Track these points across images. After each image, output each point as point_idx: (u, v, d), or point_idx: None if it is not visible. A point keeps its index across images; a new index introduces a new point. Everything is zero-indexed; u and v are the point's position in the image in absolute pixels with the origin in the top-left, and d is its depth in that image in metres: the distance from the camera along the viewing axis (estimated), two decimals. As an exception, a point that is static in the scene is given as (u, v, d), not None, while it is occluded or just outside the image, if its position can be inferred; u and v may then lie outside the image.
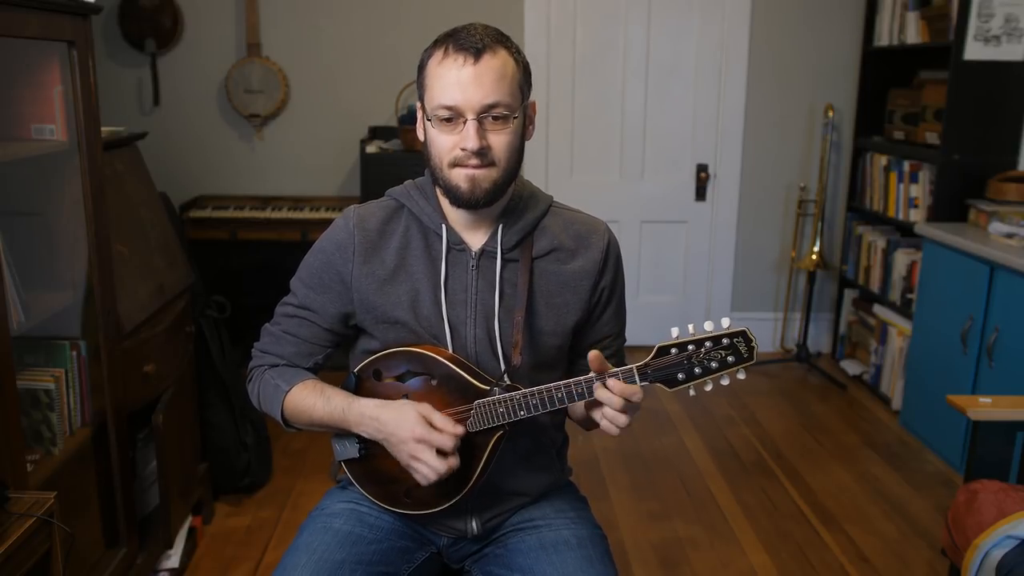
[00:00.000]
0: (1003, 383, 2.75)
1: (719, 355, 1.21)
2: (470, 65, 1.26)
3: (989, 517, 1.74)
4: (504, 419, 1.29)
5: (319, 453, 3.14)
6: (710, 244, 4.28)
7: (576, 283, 1.41)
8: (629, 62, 4.09)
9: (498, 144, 1.29)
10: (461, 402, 1.32)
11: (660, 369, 1.23)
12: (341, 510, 1.46)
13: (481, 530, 1.44)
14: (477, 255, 1.38)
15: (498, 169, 1.30)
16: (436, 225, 1.39)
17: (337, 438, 1.43)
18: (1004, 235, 2.92)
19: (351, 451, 1.41)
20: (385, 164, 3.65)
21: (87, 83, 1.91)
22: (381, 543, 1.41)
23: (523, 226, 1.39)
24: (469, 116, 1.26)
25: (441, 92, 1.27)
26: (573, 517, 1.47)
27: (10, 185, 1.91)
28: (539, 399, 1.27)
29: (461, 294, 1.38)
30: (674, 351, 1.22)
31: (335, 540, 1.38)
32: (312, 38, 4.01)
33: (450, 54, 1.27)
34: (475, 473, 1.33)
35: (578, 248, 1.42)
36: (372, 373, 1.38)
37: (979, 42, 3.19)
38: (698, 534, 2.67)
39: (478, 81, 1.25)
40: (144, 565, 2.21)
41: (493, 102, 1.26)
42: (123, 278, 2.14)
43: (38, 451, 1.85)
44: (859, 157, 4.03)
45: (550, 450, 1.51)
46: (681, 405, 3.66)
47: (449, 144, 1.29)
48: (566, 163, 4.18)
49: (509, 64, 1.29)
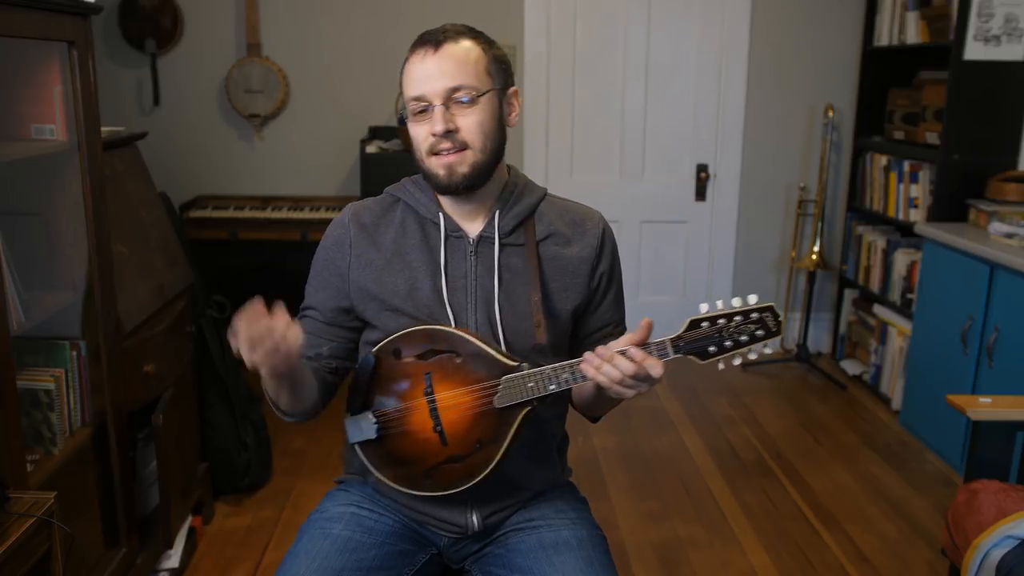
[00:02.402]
0: (1003, 383, 2.75)
1: (748, 329, 1.23)
2: (431, 55, 1.32)
3: (989, 517, 1.74)
4: (533, 394, 1.29)
5: (319, 453, 3.14)
6: (710, 244, 4.29)
7: (574, 268, 1.44)
8: (629, 62, 4.09)
9: (466, 125, 1.33)
10: (487, 378, 1.32)
11: (692, 342, 1.24)
12: (340, 514, 1.45)
13: (482, 525, 1.44)
14: (475, 241, 1.41)
15: (473, 152, 1.34)
16: (433, 214, 1.42)
17: (351, 419, 1.41)
18: (1004, 235, 2.92)
19: (368, 431, 1.38)
20: (385, 164, 3.65)
21: (87, 83, 1.91)
22: (381, 547, 1.40)
23: (519, 212, 1.43)
24: (436, 103, 1.32)
25: (409, 86, 1.34)
26: (574, 518, 1.47)
27: (10, 185, 1.91)
28: (570, 373, 1.28)
29: (461, 280, 1.40)
30: (705, 324, 1.24)
31: (334, 547, 1.38)
32: (312, 38, 4.01)
33: (416, 51, 1.34)
34: (501, 450, 1.33)
35: (574, 234, 1.45)
36: (392, 352, 1.38)
37: (979, 42, 3.19)
38: (698, 534, 2.67)
39: (439, 68, 1.31)
40: (144, 565, 2.21)
41: (455, 85, 1.31)
42: (123, 278, 2.14)
43: (38, 451, 1.85)
44: (859, 157, 4.03)
45: (551, 442, 1.51)
46: (681, 405, 3.67)
47: (424, 133, 1.35)
48: (566, 163, 4.18)
49: (473, 50, 1.34)
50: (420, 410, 1.35)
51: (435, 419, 1.34)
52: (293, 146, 4.10)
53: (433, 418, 1.34)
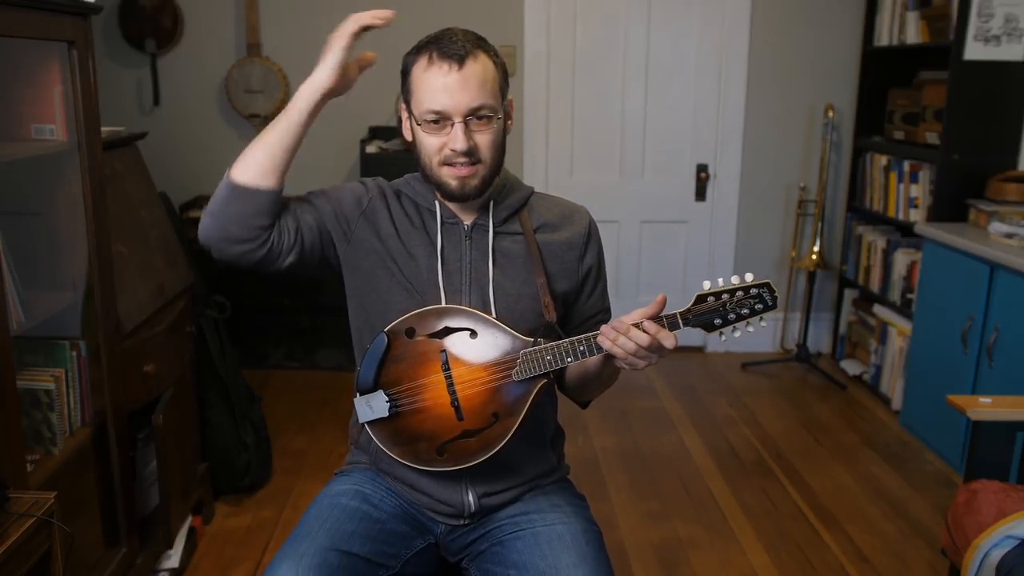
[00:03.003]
0: (1003, 383, 2.75)
1: (749, 303, 1.33)
2: (455, 72, 1.35)
3: (989, 517, 1.74)
4: (552, 366, 1.36)
5: (319, 453, 3.14)
6: (710, 244, 4.28)
7: (563, 253, 1.51)
8: (629, 62, 4.09)
9: (483, 143, 1.39)
10: (504, 353, 1.38)
11: (700, 315, 1.34)
12: (347, 490, 1.49)
13: (478, 505, 1.47)
14: (470, 228, 1.48)
15: (484, 165, 1.41)
16: (430, 203, 1.48)
17: (361, 399, 1.43)
18: (1004, 235, 2.92)
19: (380, 410, 1.41)
20: (385, 164, 3.65)
21: (87, 83, 1.91)
22: (384, 524, 1.45)
23: (511, 203, 1.50)
24: (456, 119, 1.36)
25: (429, 98, 1.36)
26: (569, 513, 1.49)
27: (10, 185, 1.91)
28: (586, 345, 1.34)
29: (456, 263, 1.46)
30: (711, 299, 1.33)
31: (345, 513, 1.43)
32: (312, 38, 3.97)
33: (435, 61, 1.36)
34: (518, 421, 1.38)
35: (563, 223, 1.53)
36: (405, 332, 1.41)
37: (979, 42, 3.19)
38: (698, 534, 2.67)
39: (463, 86, 1.35)
40: (144, 565, 2.21)
41: (478, 105, 1.36)
42: (123, 278, 2.14)
43: (38, 451, 1.85)
44: (859, 157, 4.03)
45: (544, 428, 1.56)
46: (681, 405, 3.67)
47: (437, 145, 1.39)
48: (566, 163, 4.18)
49: (489, 67, 1.39)
50: (435, 386, 1.39)
51: (452, 394, 1.39)
52: (293, 146, 4.09)
53: (450, 393, 1.39)
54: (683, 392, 3.80)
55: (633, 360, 1.33)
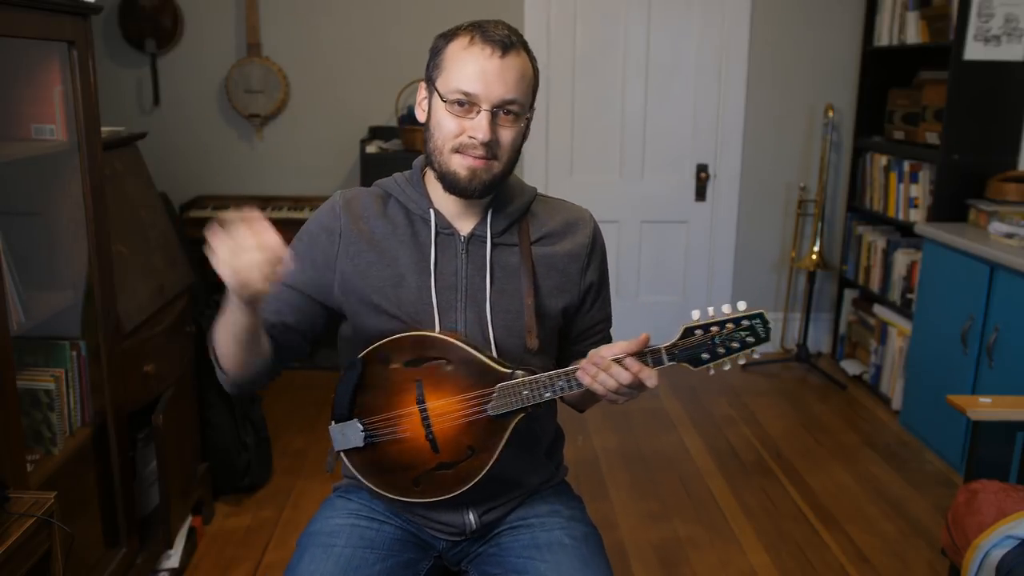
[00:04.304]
0: (1003, 383, 2.75)
1: (740, 336, 1.25)
2: (497, 58, 1.29)
3: (989, 517, 1.74)
4: (528, 402, 1.29)
5: (319, 453, 3.13)
6: (710, 244, 4.28)
7: (565, 266, 1.44)
8: (629, 62, 4.09)
9: (505, 139, 1.32)
10: (480, 386, 1.31)
11: (687, 349, 1.26)
12: (340, 528, 1.42)
13: (479, 524, 1.44)
14: (466, 240, 1.39)
15: (499, 163, 1.33)
16: (423, 211, 1.39)
17: (336, 427, 1.38)
18: (1004, 235, 2.92)
19: (355, 439, 1.36)
20: (385, 164, 3.65)
21: (87, 83, 1.91)
22: (386, 560, 1.38)
23: (511, 212, 1.41)
24: (484, 107, 1.29)
25: (462, 77, 1.29)
26: (568, 516, 1.47)
27: (10, 185, 1.91)
28: (565, 380, 1.28)
29: (451, 278, 1.38)
30: (699, 332, 1.25)
31: (337, 566, 1.34)
32: (312, 38, 4.01)
33: (477, 43, 1.30)
34: (494, 456, 1.32)
35: (566, 232, 1.45)
36: (380, 359, 1.35)
37: (979, 42, 3.19)
38: (698, 534, 2.67)
39: (502, 75, 1.28)
40: (144, 565, 2.21)
41: (511, 98, 1.30)
42: (123, 278, 2.14)
43: (38, 451, 1.85)
44: (859, 157, 4.03)
45: (542, 439, 1.52)
46: (681, 405, 3.67)
47: (456, 129, 1.31)
48: (566, 163, 4.18)
49: (528, 67, 1.34)
50: (410, 418, 1.33)
51: (426, 427, 1.33)
52: (293, 146, 4.10)
53: (424, 426, 1.33)
54: (683, 392, 3.80)
55: (614, 396, 1.27)
